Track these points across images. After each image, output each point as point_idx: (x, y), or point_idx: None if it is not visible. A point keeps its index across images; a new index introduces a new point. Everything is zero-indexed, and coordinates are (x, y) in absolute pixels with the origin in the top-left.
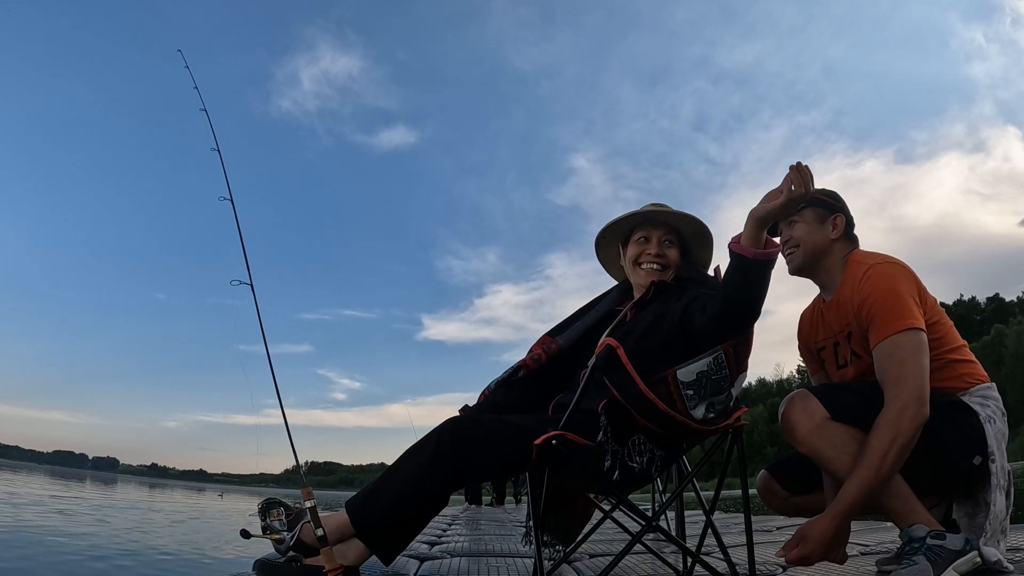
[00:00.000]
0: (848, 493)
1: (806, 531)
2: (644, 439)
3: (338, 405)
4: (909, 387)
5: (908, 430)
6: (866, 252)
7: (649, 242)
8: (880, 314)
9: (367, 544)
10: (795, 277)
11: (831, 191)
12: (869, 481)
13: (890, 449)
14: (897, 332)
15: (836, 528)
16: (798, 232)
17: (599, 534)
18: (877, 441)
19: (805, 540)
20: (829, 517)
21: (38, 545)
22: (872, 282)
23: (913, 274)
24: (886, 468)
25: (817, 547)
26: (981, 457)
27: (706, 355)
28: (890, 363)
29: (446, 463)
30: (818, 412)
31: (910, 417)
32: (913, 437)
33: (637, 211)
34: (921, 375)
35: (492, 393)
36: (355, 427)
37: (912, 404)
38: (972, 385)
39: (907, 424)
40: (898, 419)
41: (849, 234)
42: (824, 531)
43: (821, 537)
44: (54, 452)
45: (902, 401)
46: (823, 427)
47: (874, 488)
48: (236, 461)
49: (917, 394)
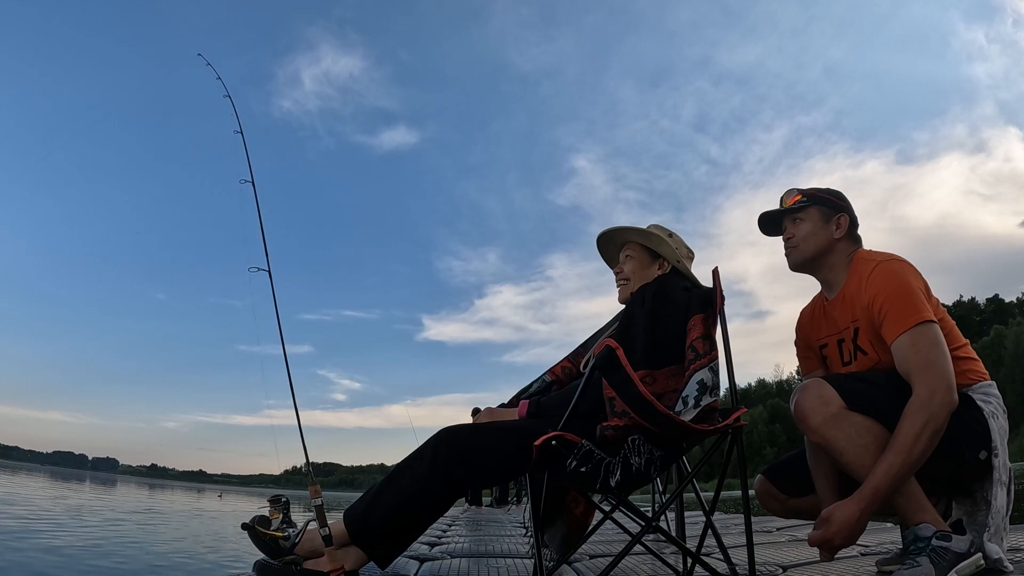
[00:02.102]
0: (876, 477)
1: (831, 514)
2: (643, 439)
3: (338, 405)
4: (937, 373)
5: (939, 415)
6: (872, 251)
7: (613, 263)
8: (895, 309)
9: (366, 554)
10: (793, 278)
11: (836, 190)
12: (899, 465)
13: (921, 433)
14: (915, 325)
15: (862, 512)
16: (802, 230)
17: (599, 534)
18: (909, 426)
19: (829, 523)
20: (856, 501)
21: (39, 545)
22: (882, 278)
23: (918, 272)
24: (917, 453)
25: (841, 530)
26: (986, 452)
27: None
28: (914, 353)
29: (445, 472)
30: (834, 401)
31: (940, 403)
32: (944, 422)
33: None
34: (946, 363)
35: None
36: (355, 428)
37: (942, 390)
38: (975, 382)
39: (938, 409)
40: (929, 403)
41: (853, 234)
42: (850, 515)
43: (846, 521)
44: (54, 452)
45: (932, 387)
46: (838, 417)
47: (904, 474)
48: (236, 461)
49: (947, 381)
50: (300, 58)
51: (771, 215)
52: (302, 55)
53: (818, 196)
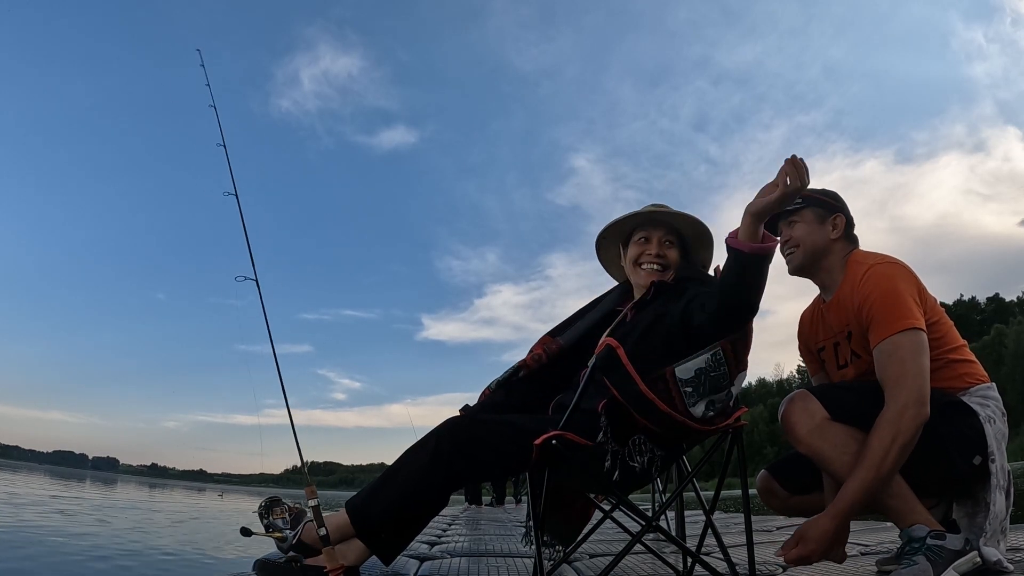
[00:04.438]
0: (848, 493)
1: (805, 531)
2: (644, 439)
3: (338, 405)
4: (909, 387)
5: (908, 430)
6: (866, 252)
7: (649, 243)
8: (880, 314)
9: (367, 544)
10: (794, 278)
11: (831, 191)
12: (869, 481)
13: (890, 449)
14: (897, 332)
15: (836, 528)
16: (798, 232)
17: (599, 534)
18: (878, 441)
19: (805, 540)
20: (829, 517)
21: (39, 545)
22: (872, 282)
23: (913, 274)
24: (886, 468)
25: (817, 547)
26: (981, 457)
27: (704, 352)
28: (890, 363)
29: (446, 463)
30: (818, 413)
31: (910, 417)
32: (913, 437)
33: (638, 211)
34: (921, 375)
35: (493, 393)
36: (355, 427)
37: (912, 404)
38: (972, 385)
39: (907, 424)
40: (899, 419)
41: (849, 234)
42: (824, 531)
43: (821, 537)
44: (54, 452)
45: (902, 401)
46: (823, 427)
47: (874, 488)
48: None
49: (917, 394)
50: (299, 58)
51: None
52: (301, 55)
53: (813, 197)
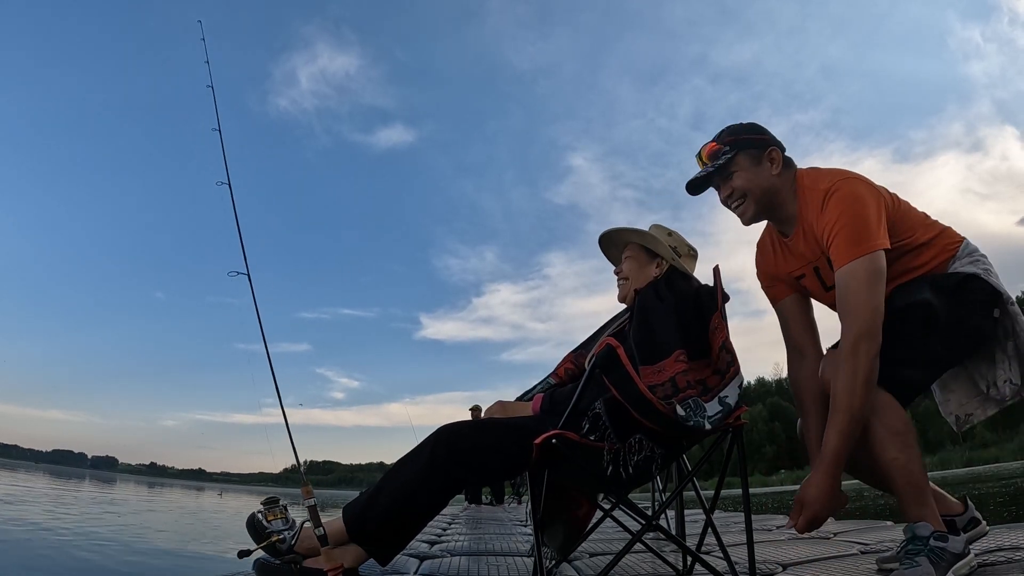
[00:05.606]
0: (830, 442)
1: (803, 495)
2: (644, 438)
3: (337, 404)
4: (860, 319)
5: (864, 365)
6: (813, 172)
7: (616, 263)
8: (837, 241)
9: (364, 549)
10: None
11: (750, 124)
12: (847, 422)
13: (854, 387)
14: (853, 259)
15: (830, 478)
16: (739, 181)
17: (599, 533)
18: (841, 383)
19: (806, 504)
20: (820, 473)
21: (40, 545)
22: (831, 208)
23: (867, 182)
24: (858, 405)
25: (819, 506)
26: (999, 309)
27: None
28: (845, 294)
29: (443, 471)
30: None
31: (864, 351)
32: (872, 369)
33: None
34: (872, 304)
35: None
36: (354, 426)
37: (864, 337)
38: (955, 251)
39: (862, 359)
40: (854, 355)
41: (787, 162)
42: (820, 489)
43: (819, 495)
44: (53, 451)
45: (854, 335)
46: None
47: (854, 427)
48: (235, 460)
49: (868, 327)
50: (296, 57)
51: (700, 180)
52: (298, 54)
53: (739, 140)
